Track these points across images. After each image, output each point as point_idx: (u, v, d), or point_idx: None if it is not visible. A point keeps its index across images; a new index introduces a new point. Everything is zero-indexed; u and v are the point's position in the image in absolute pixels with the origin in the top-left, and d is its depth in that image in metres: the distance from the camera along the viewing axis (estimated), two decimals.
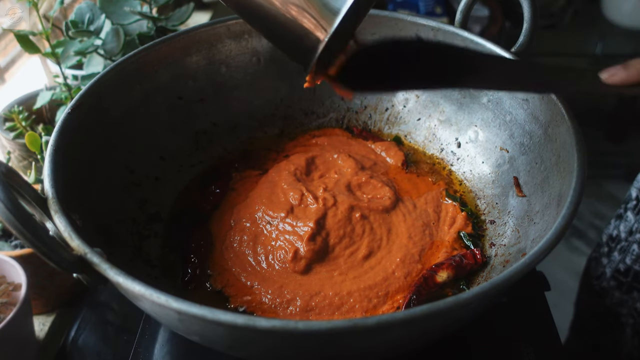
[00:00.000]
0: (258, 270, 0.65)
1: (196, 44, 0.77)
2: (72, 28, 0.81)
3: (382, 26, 0.79)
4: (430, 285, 0.63)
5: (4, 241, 0.70)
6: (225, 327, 0.42)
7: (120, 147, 0.69)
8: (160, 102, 0.75)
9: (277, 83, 0.84)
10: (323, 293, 0.62)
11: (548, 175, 0.63)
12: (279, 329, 0.40)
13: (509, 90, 0.68)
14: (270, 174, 0.75)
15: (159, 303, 0.42)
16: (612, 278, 0.88)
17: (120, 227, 0.65)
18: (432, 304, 0.41)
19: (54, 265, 0.44)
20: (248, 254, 0.66)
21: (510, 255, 0.62)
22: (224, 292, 0.64)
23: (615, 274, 0.88)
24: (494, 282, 0.44)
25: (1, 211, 0.42)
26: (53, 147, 0.56)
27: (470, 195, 0.75)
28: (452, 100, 0.80)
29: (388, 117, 0.85)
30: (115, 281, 0.44)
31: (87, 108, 0.63)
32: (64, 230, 0.47)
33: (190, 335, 0.50)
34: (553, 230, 0.49)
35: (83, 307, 0.72)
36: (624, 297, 0.87)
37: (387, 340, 0.46)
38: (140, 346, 0.65)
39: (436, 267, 0.64)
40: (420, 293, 0.62)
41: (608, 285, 0.89)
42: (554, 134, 0.63)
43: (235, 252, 0.67)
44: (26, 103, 0.88)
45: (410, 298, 0.61)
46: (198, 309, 0.41)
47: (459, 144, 0.79)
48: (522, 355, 0.64)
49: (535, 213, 0.62)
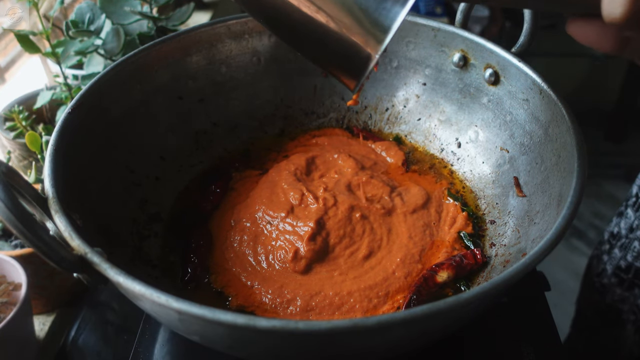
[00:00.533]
0: (258, 270, 0.65)
1: (196, 44, 0.77)
2: (72, 28, 0.81)
3: None
4: (431, 285, 0.63)
5: (4, 241, 0.70)
6: (225, 327, 0.42)
7: (121, 147, 0.69)
8: (160, 102, 0.75)
9: (277, 83, 0.84)
10: (323, 293, 0.62)
11: (548, 175, 0.63)
12: (279, 329, 0.40)
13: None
14: (271, 174, 0.75)
15: (159, 303, 0.42)
16: (613, 275, 0.88)
17: (121, 227, 0.65)
18: (432, 304, 0.41)
19: (54, 264, 0.44)
20: (248, 253, 0.66)
21: (510, 255, 0.62)
22: (224, 291, 0.64)
23: (616, 271, 0.88)
24: (494, 282, 0.44)
25: (1, 211, 0.42)
26: (53, 147, 0.56)
27: (471, 195, 0.75)
28: (452, 100, 0.80)
29: (388, 117, 0.86)
30: (116, 281, 0.44)
31: (88, 108, 0.63)
32: (64, 230, 0.47)
33: (191, 335, 0.50)
34: (553, 231, 0.49)
35: (83, 307, 0.72)
36: (625, 293, 0.87)
37: (387, 340, 0.46)
38: (140, 346, 0.65)
39: (436, 267, 0.64)
40: (421, 293, 0.62)
41: (609, 282, 0.89)
42: (554, 134, 0.63)
43: (235, 252, 0.67)
44: (26, 103, 0.89)
45: (411, 298, 0.61)
46: (198, 309, 0.41)
47: (459, 144, 0.80)
48: (522, 355, 0.64)
49: (535, 213, 0.62)
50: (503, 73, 0.72)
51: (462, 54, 0.76)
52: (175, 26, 0.91)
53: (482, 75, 0.75)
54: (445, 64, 0.79)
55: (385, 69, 0.84)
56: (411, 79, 0.83)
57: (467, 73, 0.77)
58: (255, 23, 0.80)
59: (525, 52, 0.71)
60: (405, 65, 0.82)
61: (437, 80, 0.81)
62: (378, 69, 0.83)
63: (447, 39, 0.77)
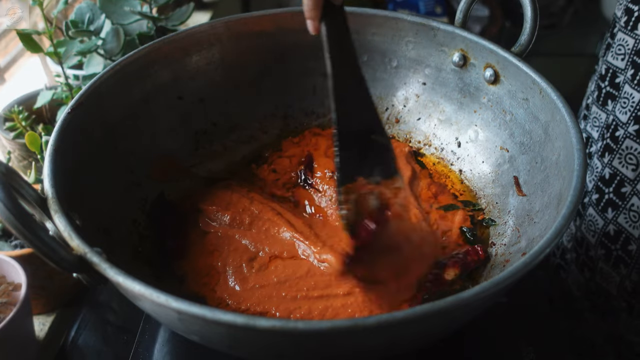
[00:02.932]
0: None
1: (196, 44, 0.77)
2: (72, 28, 0.81)
3: (383, 26, 0.79)
4: (440, 283, 0.63)
5: (4, 241, 0.70)
6: (224, 327, 0.42)
7: (120, 147, 0.69)
8: (160, 102, 0.75)
9: (276, 83, 0.84)
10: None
11: (548, 174, 0.63)
12: (278, 328, 0.40)
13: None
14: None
15: (158, 303, 0.42)
16: (600, 245, 0.86)
17: (121, 227, 0.65)
18: (432, 303, 0.41)
19: (53, 265, 0.44)
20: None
21: (510, 254, 0.62)
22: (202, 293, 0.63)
23: (602, 239, 0.86)
24: (495, 282, 0.44)
25: (1, 211, 0.42)
26: (53, 147, 0.56)
27: (471, 194, 0.75)
28: (452, 99, 0.80)
29: (388, 117, 0.85)
30: (115, 281, 0.44)
31: (87, 108, 0.63)
32: (63, 230, 0.47)
33: (190, 335, 0.50)
34: (553, 230, 0.48)
35: (83, 307, 0.72)
36: (610, 269, 0.84)
37: (387, 339, 0.46)
38: (140, 346, 0.65)
39: (443, 266, 0.64)
40: (432, 292, 0.62)
41: (595, 255, 0.87)
42: (554, 133, 0.63)
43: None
44: (26, 103, 0.89)
45: (423, 298, 0.61)
46: (198, 308, 0.41)
47: (459, 144, 0.79)
48: (522, 355, 0.64)
49: (535, 212, 0.62)
50: (503, 72, 0.72)
51: (462, 54, 0.76)
52: (175, 26, 0.91)
53: (481, 74, 0.75)
54: (445, 64, 0.79)
55: (385, 69, 0.84)
56: (411, 78, 0.83)
57: (467, 72, 0.77)
58: (254, 22, 0.80)
59: (525, 51, 0.71)
60: (404, 65, 0.82)
61: (437, 80, 0.81)
62: (378, 69, 0.83)
63: (446, 39, 0.77)
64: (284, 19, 0.80)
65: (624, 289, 0.83)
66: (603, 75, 0.81)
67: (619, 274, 0.82)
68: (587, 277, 0.89)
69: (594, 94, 0.86)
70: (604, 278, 0.85)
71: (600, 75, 0.83)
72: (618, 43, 0.76)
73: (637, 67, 0.73)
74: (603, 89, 0.81)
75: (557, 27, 2.13)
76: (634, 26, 0.73)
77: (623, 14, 0.75)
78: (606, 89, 0.80)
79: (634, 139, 0.74)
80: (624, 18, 0.75)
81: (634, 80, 0.73)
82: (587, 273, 0.88)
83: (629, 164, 0.76)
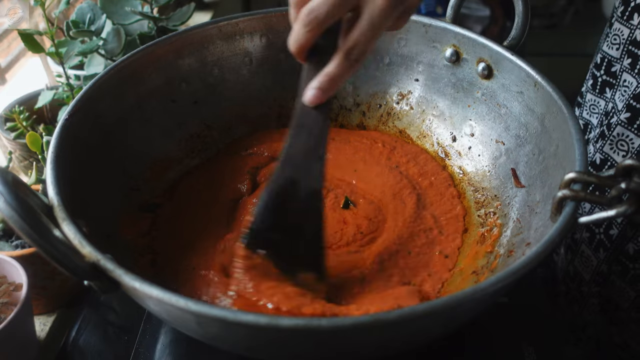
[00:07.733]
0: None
1: (188, 46, 0.77)
2: (73, 28, 0.82)
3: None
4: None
5: (5, 241, 0.70)
6: (246, 328, 0.41)
7: (117, 152, 0.69)
8: (154, 106, 0.75)
9: (269, 83, 0.84)
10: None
11: (547, 165, 0.62)
12: (302, 327, 0.40)
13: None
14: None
15: (178, 307, 0.41)
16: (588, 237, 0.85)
17: (122, 231, 0.65)
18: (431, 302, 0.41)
19: (70, 274, 0.44)
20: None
21: (514, 245, 0.62)
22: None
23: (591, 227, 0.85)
24: (498, 278, 0.43)
25: (18, 224, 0.42)
26: (54, 154, 0.56)
27: (469, 188, 0.75)
28: (445, 95, 0.80)
29: (382, 114, 0.85)
30: (131, 286, 0.43)
31: (84, 114, 0.63)
32: (73, 238, 0.47)
33: (207, 338, 0.50)
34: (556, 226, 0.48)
35: (84, 307, 0.72)
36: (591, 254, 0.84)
37: (406, 333, 0.46)
38: (141, 346, 0.65)
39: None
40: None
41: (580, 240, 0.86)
42: (551, 125, 0.63)
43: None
44: (27, 103, 0.89)
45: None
46: (219, 311, 0.40)
47: (454, 138, 0.79)
48: (522, 355, 0.63)
49: (536, 203, 0.62)
50: (496, 67, 0.72)
51: (454, 49, 0.76)
52: (176, 26, 0.91)
53: (474, 69, 0.75)
54: (438, 60, 0.79)
55: (377, 66, 0.83)
56: (403, 75, 0.83)
57: (460, 68, 0.77)
58: (246, 23, 0.80)
59: (518, 48, 0.71)
60: (397, 62, 0.82)
61: (430, 76, 0.80)
62: (370, 66, 0.83)
63: (438, 35, 0.77)
64: (275, 19, 0.80)
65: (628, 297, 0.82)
66: (598, 64, 0.81)
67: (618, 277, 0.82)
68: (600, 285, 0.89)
69: (588, 82, 0.86)
70: (615, 290, 0.85)
71: (595, 64, 0.83)
72: (614, 33, 0.76)
73: (634, 56, 0.73)
74: (599, 77, 0.81)
75: (558, 27, 2.13)
76: (629, 16, 0.73)
77: (620, 4, 0.76)
78: (602, 77, 0.80)
79: (625, 126, 0.74)
80: (620, 8, 0.76)
81: (634, 69, 0.73)
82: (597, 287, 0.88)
83: (620, 150, 0.76)
